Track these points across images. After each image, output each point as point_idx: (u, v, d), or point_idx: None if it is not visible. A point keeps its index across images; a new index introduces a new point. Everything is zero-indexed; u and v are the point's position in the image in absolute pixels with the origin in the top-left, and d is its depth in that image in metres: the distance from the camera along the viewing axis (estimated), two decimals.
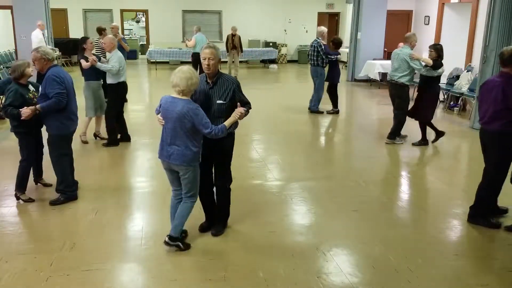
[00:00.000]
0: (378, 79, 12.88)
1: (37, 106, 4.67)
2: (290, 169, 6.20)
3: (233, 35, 14.39)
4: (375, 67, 12.63)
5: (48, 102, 4.65)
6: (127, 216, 4.72)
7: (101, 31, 10.11)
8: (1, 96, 9.12)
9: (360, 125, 8.91)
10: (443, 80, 10.64)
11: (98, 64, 6.74)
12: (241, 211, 4.78)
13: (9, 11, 11.90)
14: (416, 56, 7.18)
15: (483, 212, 4.56)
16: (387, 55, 13.91)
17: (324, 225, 4.55)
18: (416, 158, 6.86)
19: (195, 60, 12.58)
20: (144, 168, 6.26)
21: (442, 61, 7.04)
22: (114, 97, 7.00)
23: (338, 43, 9.75)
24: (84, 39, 7.00)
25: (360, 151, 7.29)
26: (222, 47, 17.64)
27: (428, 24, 13.47)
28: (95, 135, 7.44)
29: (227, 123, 3.77)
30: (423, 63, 7.07)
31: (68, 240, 4.11)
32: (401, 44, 13.63)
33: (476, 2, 10.29)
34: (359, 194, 5.31)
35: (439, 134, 7.33)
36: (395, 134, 7.42)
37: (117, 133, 7.13)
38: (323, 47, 9.39)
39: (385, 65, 12.60)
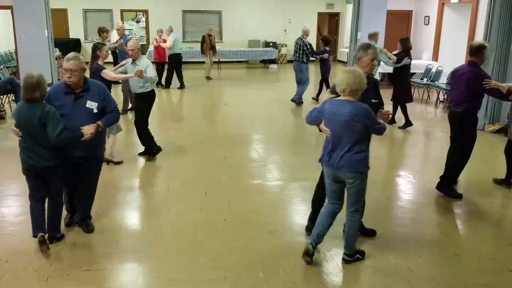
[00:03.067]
0: (378, 79, 12.89)
1: (99, 122, 3.98)
2: (290, 169, 6.20)
3: (209, 36, 13.79)
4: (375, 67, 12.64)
5: (108, 117, 4.07)
6: (127, 215, 4.72)
7: (101, 32, 9.45)
8: (1, 96, 9.15)
9: None
10: (443, 80, 10.69)
11: (144, 76, 5.88)
12: (241, 211, 4.78)
13: (9, 11, 11.89)
14: (384, 51, 8.39)
15: (449, 183, 5.23)
16: None
17: None
18: (416, 159, 6.86)
19: (175, 62, 12.23)
20: (143, 169, 6.26)
21: (410, 52, 8.31)
22: (145, 108, 6.32)
23: (327, 41, 10.69)
24: (99, 46, 6.13)
25: None
26: (221, 47, 17.74)
27: (428, 24, 13.47)
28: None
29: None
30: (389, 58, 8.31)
31: (68, 240, 4.11)
32: None
33: (476, 2, 10.29)
34: None
35: (408, 123, 8.33)
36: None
37: (154, 140, 6.51)
38: (308, 46, 10.32)
39: (385, 65, 12.60)
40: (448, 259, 3.92)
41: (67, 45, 16.43)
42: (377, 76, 12.69)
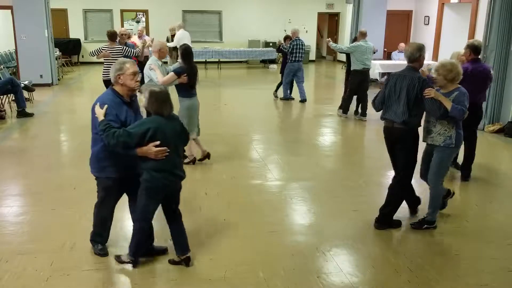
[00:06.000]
0: (379, 79, 12.88)
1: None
2: (290, 169, 6.20)
3: (172, 36, 12.99)
4: (375, 67, 12.63)
5: None
6: (127, 216, 4.71)
7: (115, 36, 8.19)
8: (1, 96, 9.15)
9: (360, 125, 8.91)
10: None
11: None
12: (241, 211, 4.78)
13: (9, 11, 11.89)
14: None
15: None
16: (387, 55, 13.93)
17: (324, 225, 4.55)
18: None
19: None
20: None
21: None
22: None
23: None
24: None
25: (360, 151, 7.29)
26: (222, 47, 17.73)
27: (428, 24, 13.48)
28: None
29: None
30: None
31: (68, 240, 4.11)
32: (401, 44, 13.70)
33: (476, 2, 10.29)
34: (359, 194, 5.31)
35: (361, 113, 9.08)
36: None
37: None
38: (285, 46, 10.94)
39: (385, 65, 12.61)
40: (448, 259, 3.92)
41: (67, 45, 16.44)
42: (377, 76, 12.70)
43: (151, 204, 3.55)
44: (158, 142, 3.33)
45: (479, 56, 5.68)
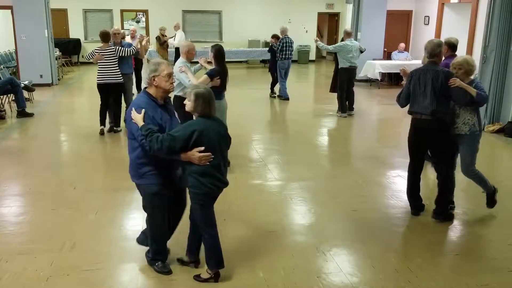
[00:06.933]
0: (379, 79, 12.88)
1: None
2: (290, 169, 6.20)
3: (163, 36, 13.26)
4: (375, 67, 12.64)
5: None
6: (127, 216, 4.72)
7: (108, 36, 7.62)
8: (1, 96, 9.15)
9: (360, 125, 8.92)
10: None
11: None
12: (241, 211, 4.78)
13: (9, 11, 11.89)
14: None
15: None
16: (387, 55, 13.93)
17: (324, 225, 4.55)
18: None
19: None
20: None
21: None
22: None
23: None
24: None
25: (360, 151, 7.29)
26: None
27: (428, 24, 13.47)
28: None
29: None
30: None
31: (68, 240, 4.11)
32: (402, 44, 13.69)
33: (476, 2, 10.29)
34: (359, 194, 5.31)
35: (348, 107, 9.38)
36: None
37: None
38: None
39: (385, 65, 12.61)
40: (448, 259, 3.92)
41: (67, 45, 16.45)
42: (377, 76, 12.70)
43: (205, 210, 3.41)
44: (202, 148, 3.22)
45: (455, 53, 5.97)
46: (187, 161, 3.26)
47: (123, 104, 7.87)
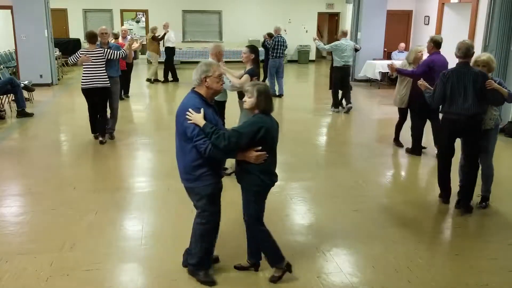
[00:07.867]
0: (379, 79, 12.88)
1: None
2: (290, 169, 6.19)
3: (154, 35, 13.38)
4: (375, 67, 12.64)
5: None
6: (127, 216, 4.72)
7: (95, 37, 7.08)
8: (1, 96, 9.15)
9: (360, 125, 8.91)
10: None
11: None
12: (241, 211, 4.77)
13: (9, 11, 11.89)
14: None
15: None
16: (387, 55, 13.93)
17: (324, 225, 4.55)
18: (416, 161, 6.85)
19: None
20: (144, 168, 6.26)
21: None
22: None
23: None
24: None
25: (360, 151, 7.28)
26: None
27: (428, 24, 13.48)
28: None
29: None
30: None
31: (68, 240, 4.11)
32: (402, 44, 13.68)
33: (476, 2, 10.29)
34: (359, 194, 5.31)
35: (335, 104, 9.72)
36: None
37: None
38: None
39: (385, 65, 12.60)
40: (448, 259, 3.92)
41: (67, 45, 16.42)
42: (377, 76, 12.70)
43: (262, 206, 3.48)
44: (260, 148, 3.27)
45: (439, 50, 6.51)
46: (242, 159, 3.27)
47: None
